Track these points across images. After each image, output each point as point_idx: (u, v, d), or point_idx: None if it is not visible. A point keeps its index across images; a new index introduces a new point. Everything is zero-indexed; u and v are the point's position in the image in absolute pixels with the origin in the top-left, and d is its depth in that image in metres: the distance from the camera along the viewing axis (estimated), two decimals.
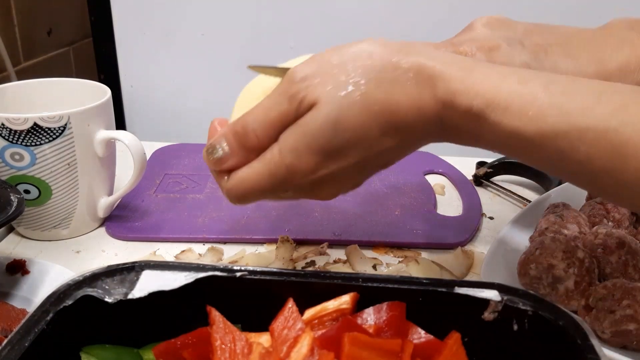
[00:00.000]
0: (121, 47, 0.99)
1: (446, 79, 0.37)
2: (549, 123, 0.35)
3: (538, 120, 0.35)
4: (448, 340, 0.36)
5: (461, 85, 0.36)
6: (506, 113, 0.36)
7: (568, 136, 0.34)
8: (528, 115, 0.35)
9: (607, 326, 0.45)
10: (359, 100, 0.37)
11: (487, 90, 0.36)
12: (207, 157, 0.41)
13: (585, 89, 0.35)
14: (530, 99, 0.35)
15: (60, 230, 0.62)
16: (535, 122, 0.35)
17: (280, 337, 0.35)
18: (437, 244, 0.62)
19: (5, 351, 0.32)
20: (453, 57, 0.38)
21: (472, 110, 0.36)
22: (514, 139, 0.36)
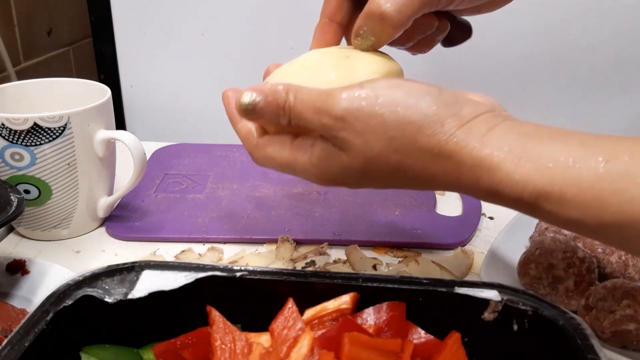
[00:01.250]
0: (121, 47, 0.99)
1: (491, 171, 0.34)
2: (610, 212, 0.31)
3: (598, 209, 0.32)
4: (448, 340, 0.36)
5: (507, 177, 0.34)
6: (561, 203, 0.33)
7: (633, 225, 0.31)
8: (585, 205, 0.32)
9: (607, 326, 0.45)
10: (394, 165, 0.37)
11: (537, 180, 0.33)
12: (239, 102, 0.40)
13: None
14: (587, 186, 0.32)
15: (60, 230, 0.62)
16: (595, 212, 0.32)
17: (280, 337, 0.35)
18: (437, 244, 0.62)
19: (5, 351, 0.32)
20: (502, 140, 0.35)
21: (522, 200, 0.34)
22: (574, 225, 0.33)
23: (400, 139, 0.36)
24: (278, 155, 0.41)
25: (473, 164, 0.35)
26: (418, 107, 0.36)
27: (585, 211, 0.32)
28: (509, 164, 0.34)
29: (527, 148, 0.34)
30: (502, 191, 0.34)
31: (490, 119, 0.36)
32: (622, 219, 0.31)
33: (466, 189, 0.36)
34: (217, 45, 0.96)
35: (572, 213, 0.32)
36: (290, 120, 0.39)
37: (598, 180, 0.32)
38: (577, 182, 0.32)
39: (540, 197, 0.33)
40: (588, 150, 0.33)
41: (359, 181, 0.39)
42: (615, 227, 0.32)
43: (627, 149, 0.32)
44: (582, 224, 0.33)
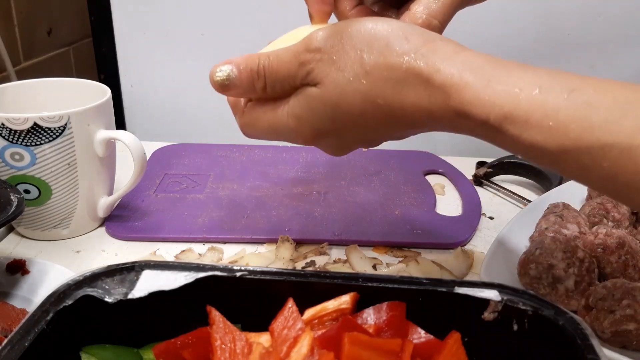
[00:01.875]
0: (121, 47, 0.99)
1: (460, 89, 0.35)
2: (570, 138, 0.33)
3: (559, 134, 0.33)
4: (448, 340, 0.36)
5: (476, 97, 0.35)
6: (526, 126, 0.34)
7: (591, 152, 0.32)
8: (549, 130, 0.33)
9: (607, 326, 0.45)
10: (364, 91, 0.37)
11: (505, 103, 0.34)
12: (212, 75, 0.43)
13: (611, 99, 0.33)
14: (552, 111, 0.33)
15: (60, 230, 0.62)
16: (556, 137, 0.33)
17: (280, 337, 0.35)
18: (437, 244, 0.62)
19: (5, 351, 0.32)
20: (471, 62, 0.36)
21: (488, 123, 0.35)
22: (534, 151, 0.34)
23: (371, 57, 0.37)
24: (261, 117, 0.42)
25: (442, 82, 0.35)
26: (385, 27, 0.38)
27: (547, 136, 0.33)
28: (478, 84, 0.35)
29: (497, 72, 0.35)
30: (469, 112, 0.35)
31: (457, 45, 0.37)
32: (580, 146, 0.33)
33: (436, 114, 0.36)
34: (217, 45, 0.96)
35: (535, 137, 0.34)
36: (265, 84, 0.41)
37: (562, 107, 0.33)
38: (543, 108, 0.33)
39: (506, 120, 0.34)
40: (556, 80, 0.34)
41: (334, 122, 0.40)
42: (573, 154, 0.33)
43: (592, 83, 0.34)
44: (543, 149, 0.34)
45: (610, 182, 0.33)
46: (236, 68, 0.42)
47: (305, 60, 0.39)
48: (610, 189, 0.34)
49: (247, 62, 0.41)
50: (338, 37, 0.38)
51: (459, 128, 0.37)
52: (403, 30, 0.37)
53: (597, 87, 0.34)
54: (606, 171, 0.33)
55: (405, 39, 0.37)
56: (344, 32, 0.38)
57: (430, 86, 0.36)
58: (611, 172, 0.32)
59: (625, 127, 0.32)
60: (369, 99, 0.38)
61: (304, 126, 0.41)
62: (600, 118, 0.32)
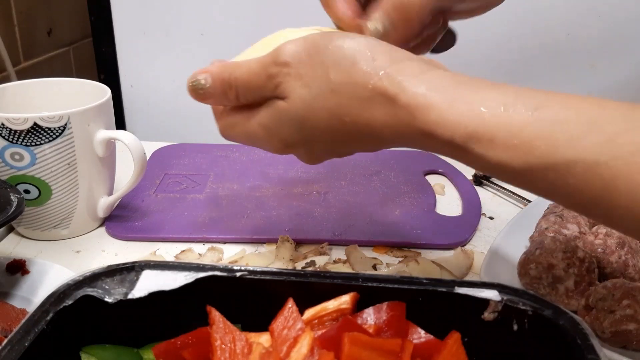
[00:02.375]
0: (121, 47, 0.99)
1: (425, 109, 0.35)
2: (536, 155, 0.33)
3: (525, 153, 0.33)
4: (448, 340, 0.36)
5: (440, 117, 0.35)
6: (491, 145, 0.34)
7: (556, 169, 0.32)
8: (514, 148, 0.33)
9: (607, 326, 0.45)
10: (330, 108, 0.38)
11: (469, 122, 0.34)
12: (189, 84, 0.44)
13: (575, 115, 0.33)
14: (516, 130, 0.33)
15: (60, 230, 0.62)
16: (521, 155, 0.33)
17: (280, 337, 0.35)
18: (437, 244, 0.62)
19: (5, 351, 0.32)
20: (437, 82, 0.36)
21: (453, 142, 0.35)
22: (500, 169, 0.34)
23: (338, 75, 0.37)
24: (237, 124, 0.43)
25: (407, 102, 0.35)
26: (352, 45, 0.38)
27: (513, 154, 0.33)
28: (442, 104, 0.35)
29: (462, 91, 0.35)
30: (435, 132, 0.35)
31: (424, 64, 0.37)
32: (546, 163, 0.33)
33: (402, 133, 0.37)
34: (217, 45, 0.96)
35: (501, 156, 0.33)
36: (237, 94, 0.42)
37: (527, 125, 0.33)
38: (508, 126, 0.33)
39: (471, 140, 0.34)
40: (521, 98, 0.34)
41: (302, 134, 0.40)
42: (539, 171, 0.33)
43: (558, 100, 0.34)
44: (509, 167, 0.34)
45: (577, 198, 0.33)
46: (210, 77, 0.43)
47: (273, 73, 0.40)
48: (577, 205, 0.34)
49: (221, 71, 0.42)
50: (306, 52, 0.39)
51: (426, 146, 0.37)
52: (370, 49, 0.38)
53: (563, 104, 0.33)
54: (572, 188, 0.32)
55: (372, 58, 0.37)
56: (312, 47, 0.39)
57: (396, 106, 0.36)
58: (577, 188, 0.32)
59: (590, 143, 0.32)
60: (335, 115, 0.38)
61: (273, 137, 0.42)
62: (565, 135, 0.32)
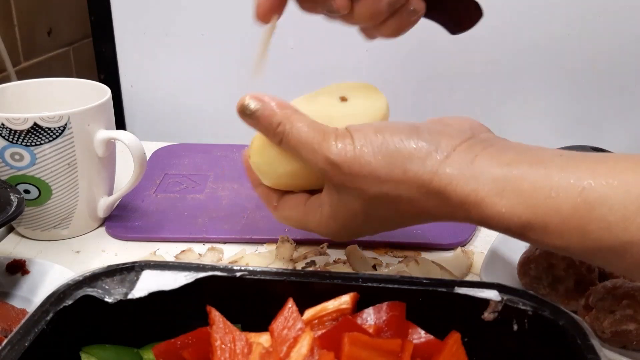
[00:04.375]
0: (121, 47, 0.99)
1: (478, 206, 0.36)
2: (591, 239, 0.33)
3: (579, 238, 0.34)
4: (448, 340, 0.36)
5: (494, 211, 0.35)
6: (545, 232, 0.34)
7: (613, 249, 0.33)
8: (568, 234, 0.34)
9: (607, 326, 0.45)
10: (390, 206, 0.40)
11: (522, 213, 0.35)
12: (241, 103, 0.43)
13: (623, 193, 0.33)
14: (567, 216, 0.34)
15: (60, 230, 0.62)
16: (576, 239, 0.34)
17: (280, 337, 0.35)
18: (437, 244, 0.62)
19: (5, 351, 0.32)
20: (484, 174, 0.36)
21: (511, 230, 0.36)
22: (559, 251, 0.36)
23: (390, 183, 0.38)
24: (294, 218, 0.44)
25: (460, 201, 0.36)
26: (400, 151, 0.38)
27: (568, 239, 0.34)
28: (494, 198, 0.36)
29: (510, 179, 0.36)
30: (490, 223, 0.36)
31: (469, 150, 0.38)
32: (601, 246, 0.33)
33: (460, 220, 0.38)
34: (217, 45, 0.96)
35: (557, 242, 0.34)
36: (281, 143, 0.42)
37: (577, 210, 0.33)
38: (558, 212, 0.34)
39: (525, 228, 0.35)
40: (566, 177, 0.34)
41: (365, 223, 0.42)
42: (597, 252, 0.34)
43: (603, 174, 0.34)
44: (567, 250, 0.35)
45: (636, 272, 0.34)
46: (262, 109, 0.42)
47: (324, 170, 0.40)
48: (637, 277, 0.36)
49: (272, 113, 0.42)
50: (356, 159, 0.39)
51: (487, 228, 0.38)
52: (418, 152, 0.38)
53: (609, 179, 0.34)
54: (630, 265, 0.33)
55: (422, 162, 0.38)
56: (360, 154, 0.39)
57: (450, 204, 0.37)
58: (635, 264, 0.33)
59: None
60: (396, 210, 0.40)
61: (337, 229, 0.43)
62: (616, 217, 0.33)
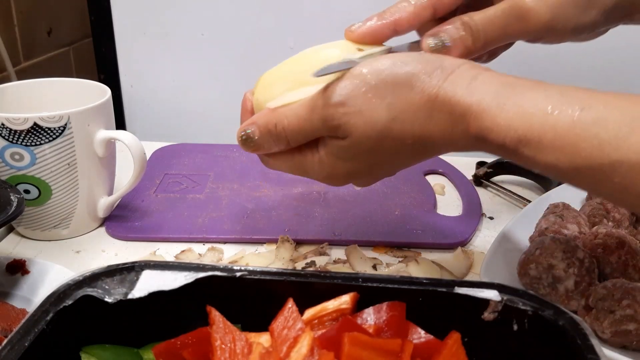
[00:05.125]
0: (121, 47, 0.99)
1: (479, 117, 0.37)
2: (582, 156, 0.34)
3: (571, 154, 0.34)
4: (448, 340, 0.36)
5: (493, 123, 0.36)
6: (539, 148, 0.35)
7: (602, 168, 0.34)
8: (561, 150, 0.35)
9: (607, 326, 0.45)
10: (395, 136, 0.39)
11: (519, 126, 0.36)
12: (238, 138, 0.45)
13: (619, 115, 0.34)
14: (562, 132, 0.34)
15: (60, 230, 0.62)
16: (568, 156, 0.34)
17: (280, 337, 0.35)
18: (437, 244, 0.62)
19: (5, 351, 0.32)
20: (487, 88, 0.37)
21: (504, 146, 0.36)
22: (549, 170, 0.36)
23: (397, 104, 0.39)
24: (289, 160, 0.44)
25: (463, 112, 0.37)
26: (405, 69, 0.39)
27: (559, 156, 0.35)
28: (494, 110, 0.36)
29: (510, 95, 0.37)
30: (488, 137, 0.37)
31: (472, 69, 0.39)
32: (591, 164, 0.34)
33: (457, 140, 0.39)
34: (217, 45, 0.96)
35: (548, 158, 0.35)
36: (288, 141, 0.43)
37: (573, 127, 0.34)
38: (554, 129, 0.35)
39: (520, 142, 0.36)
40: (566, 99, 0.35)
41: (368, 168, 0.42)
42: (586, 171, 0.34)
43: (601, 99, 0.35)
44: (557, 168, 0.35)
45: (624, 194, 0.34)
46: (257, 129, 0.43)
47: (329, 115, 0.40)
48: (623, 202, 0.35)
49: (266, 122, 0.43)
50: (359, 87, 0.39)
51: (477, 149, 0.39)
52: (424, 70, 0.39)
53: (607, 103, 0.35)
54: (618, 185, 0.34)
55: (428, 77, 0.38)
56: (365, 80, 0.39)
57: (453, 117, 0.38)
58: (623, 186, 0.34)
59: (633, 144, 0.33)
60: (399, 141, 0.40)
61: (339, 172, 0.43)
62: (609, 135, 0.33)
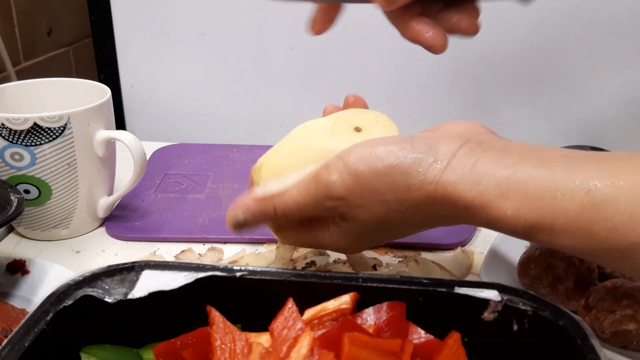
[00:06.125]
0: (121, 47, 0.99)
1: (483, 210, 0.36)
2: (597, 239, 0.33)
3: (586, 238, 0.34)
4: (448, 340, 0.36)
5: (499, 214, 0.35)
6: (552, 233, 0.35)
7: (620, 250, 0.33)
8: (575, 234, 0.34)
9: (607, 326, 0.45)
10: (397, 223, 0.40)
11: (527, 215, 0.35)
12: (228, 221, 0.45)
13: (629, 193, 0.33)
14: (573, 216, 0.34)
15: (60, 230, 0.62)
16: (583, 240, 0.34)
17: (280, 337, 0.35)
18: (437, 244, 0.62)
19: (5, 351, 0.32)
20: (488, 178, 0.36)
21: (518, 232, 0.36)
22: (567, 251, 0.36)
23: (396, 200, 0.39)
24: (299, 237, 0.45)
25: (466, 206, 0.36)
26: (398, 167, 0.38)
27: (575, 240, 0.34)
28: (498, 201, 0.35)
29: (513, 182, 0.35)
30: (497, 225, 0.36)
31: (470, 154, 0.37)
32: (609, 246, 0.33)
33: (468, 223, 0.38)
34: (217, 45, 0.96)
35: (565, 242, 0.34)
36: (286, 219, 0.43)
37: (583, 210, 0.33)
38: (564, 213, 0.34)
39: (532, 230, 0.35)
40: (572, 178, 0.34)
41: (379, 239, 0.44)
42: (604, 253, 0.34)
43: (609, 175, 0.34)
44: (575, 250, 0.35)
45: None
46: (249, 213, 0.44)
47: (330, 206, 0.41)
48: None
49: (261, 206, 0.43)
50: (358, 183, 0.39)
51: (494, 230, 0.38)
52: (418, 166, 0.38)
53: (615, 179, 0.33)
54: (638, 265, 0.33)
55: (423, 174, 0.37)
56: (360, 178, 0.39)
57: (456, 209, 0.37)
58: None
59: None
60: (405, 222, 0.40)
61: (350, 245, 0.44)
62: (622, 218, 0.32)
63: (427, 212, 0.38)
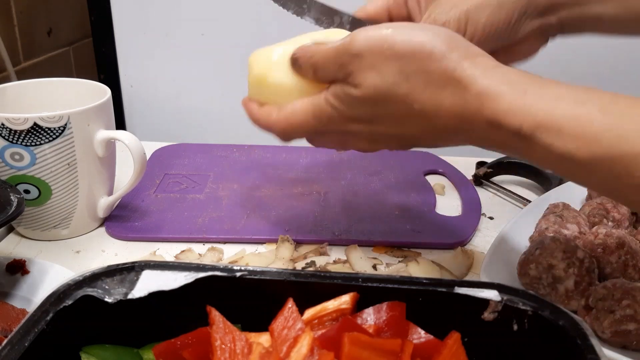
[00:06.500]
0: (121, 47, 0.99)
1: (494, 99, 0.36)
2: (603, 146, 0.33)
3: (592, 143, 0.33)
4: (448, 340, 0.36)
5: (510, 106, 0.35)
6: (558, 135, 0.34)
7: (623, 160, 0.33)
8: (582, 138, 0.34)
9: (607, 326, 0.45)
10: (402, 94, 0.39)
11: (539, 111, 0.35)
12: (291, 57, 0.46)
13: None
14: (586, 121, 0.34)
15: (60, 230, 0.62)
16: (589, 146, 0.33)
17: (280, 337, 0.35)
18: (437, 244, 0.62)
19: (5, 351, 0.32)
20: (509, 76, 0.37)
21: (521, 132, 0.35)
22: (565, 161, 0.35)
23: (412, 65, 0.38)
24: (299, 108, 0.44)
25: (479, 91, 0.37)
26: (429, 38, 0.39)
27: (579, 144, 0.34)
28: (513, 95, 0.36)
29: (533, 85, 0.36)
30: (503, 120, 0.36)
31: (495, 61, 0.39)
32: (613, 154, 0.33)
33: (468, 121, 0.38)
34: (217, 45, 0.96)
35: (568, 146, 0.34)
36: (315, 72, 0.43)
37: (596, 118, 0.34)
38: (577, 118, 0.34)
39: (538, 128, 0.35)
40: (590, 95, 0.35)
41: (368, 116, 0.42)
42: (605, 162, 0.33)
43: (624, 98, 0.35)
44: (575, 158, 0.34)
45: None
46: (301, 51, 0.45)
47: (345, 62, 0.41)
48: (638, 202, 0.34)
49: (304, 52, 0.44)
50: (380, 43, 0.39)
51: (490, 140, 0.38)
52: (448, 42, 0.39)
53: (629, 102, 0.34)
54: (638, 180, 0.33)
55: (449, 49, 0.38)
56: (388, 39, 0.39)
57: (467, 93, 0.37)
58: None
59: None
60: (405, 102, 0.39)
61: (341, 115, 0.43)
62: (634, 127, 0.33)
63: (434, 93, 0.38)
